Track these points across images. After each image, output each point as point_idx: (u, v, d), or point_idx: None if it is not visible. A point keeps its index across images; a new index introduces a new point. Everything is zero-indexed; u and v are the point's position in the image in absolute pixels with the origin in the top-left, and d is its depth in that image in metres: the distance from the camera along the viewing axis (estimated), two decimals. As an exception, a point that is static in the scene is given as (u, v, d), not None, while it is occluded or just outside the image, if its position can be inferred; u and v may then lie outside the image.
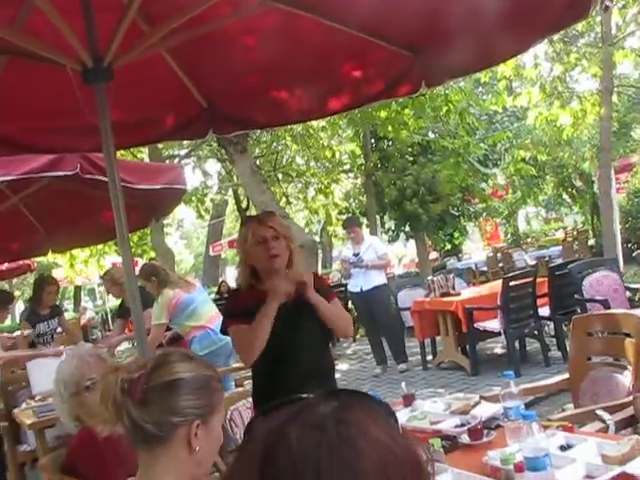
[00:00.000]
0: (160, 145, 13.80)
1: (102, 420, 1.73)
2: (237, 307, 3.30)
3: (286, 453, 0.74)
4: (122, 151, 10.08)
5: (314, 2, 3.56)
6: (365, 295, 8.77)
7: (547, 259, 16.36)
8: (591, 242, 20.00)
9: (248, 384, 5.89)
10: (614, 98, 13.65)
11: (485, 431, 2.74)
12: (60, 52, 3.15)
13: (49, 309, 7.29)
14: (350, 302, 10.39)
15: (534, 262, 15.56)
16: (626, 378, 3.66)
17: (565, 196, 27.03)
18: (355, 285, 8.96)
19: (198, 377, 1.75)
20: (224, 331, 3.37)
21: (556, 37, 13.28)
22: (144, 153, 15.04)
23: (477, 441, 2.69)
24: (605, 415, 3.07)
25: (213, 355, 5.80)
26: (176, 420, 1.68)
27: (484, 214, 23.18)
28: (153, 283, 6.16)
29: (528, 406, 3.06)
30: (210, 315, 6.07)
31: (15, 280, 16.74)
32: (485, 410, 3.00)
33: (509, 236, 28.98)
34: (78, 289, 33.39)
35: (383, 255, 8.97)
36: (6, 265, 10.21)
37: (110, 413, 1.69)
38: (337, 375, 3.63)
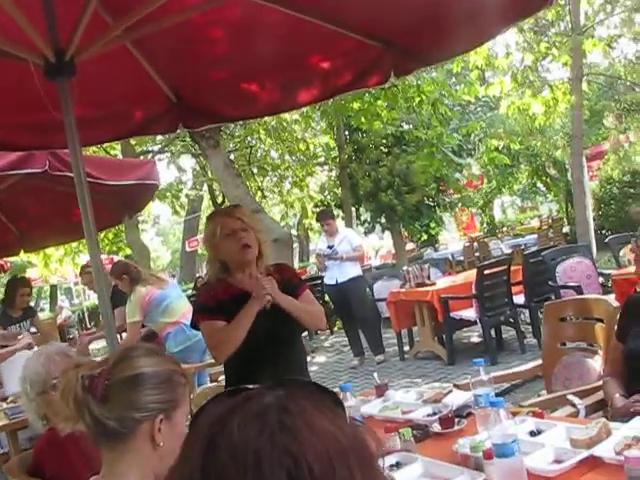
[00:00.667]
0: (133, 141, 13.72)
1: (64, 418, 1.71)
2: (209, 302, 3.24)
3: (227, 442, 0.74)
4: (94, 148, 10.03)
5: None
6: (340, 287, 8.76)
7: (523, 247, 16.43)
8: (566, 229, 20.14)
9: (222, 380, 5.89)
10: (584, 86, 13.77)
11: (456, 419, 2.75)
12: (21, 46, 3.10)
13: (21, 311, 7.20)
14: (327, 295, 10.38)
15: (510, 251, 15.64)
16: (597, 363, 3.69)
17: (540, 184, 27.21)
18: (330, 277, 8.95)
19: (160, 372, 1.73)
20: (194, 325, 3.34)
21: (526, 26, 13.41)
22: (117, 150, 14.93)
23: (448, 429, 2.69)
24: (576, 400, 3.10)
25: (188, 351, 5.77)
26: (138, 415, 1.66)
27: (460, 204, 23.28)
28: (125, 281, 6.14)
29: (504, 394, 3.08)
30: (184, 311, 6.04)
31: (-11, 280, 16.58)
32: (457, 398, 3.01)
33: (485, 225, 29.12)
34: (54, 288, 33.15)
35: (358, 247, 8.96)
36: (-21, 265, 10.12)
37: (71, 410, 1.67)
38: (314, 367, 3.63)
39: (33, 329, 7.27)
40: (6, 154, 4.75)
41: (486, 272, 7.82)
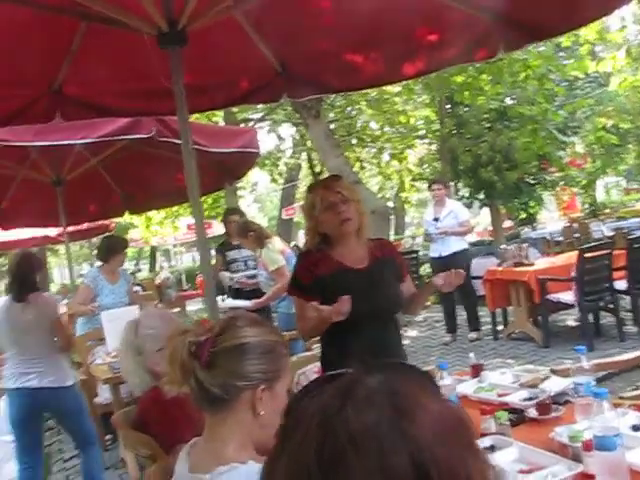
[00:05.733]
0: (235, 109, 13.89)
1: (170, 381, 1.77)
2: (306, 277, 3.23)
3: (345, 429, 0.73)
4: (197, 115, 10.21)
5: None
6: (444, 261, 8.64)
7: (626, 231, 15.86)
8: (674, 214, 19.29)
9: (316, 348, 5.93)
10: None
11: (553, 406, 2.70)
12: (136, 17, 3.18)
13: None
14: (430, 267, 10.29)
15: (612, 234, 15.10)
16: None
17: (648, 166, 26.12)
18: (435, 250, 8.91)
19: (264, 342, 1.76)
20: (290, 292, 3.38)
21: (645, -2, 12.75)
22: (219, 117, 15.17)
23: (545, 416, 2.64)
24: (680, 394, 2.99)
25: None
26: (241, 384, 1.69)
27: (561, 183, 22.60)
28: (251, 238, 6.12)
29: (600, 381, 3.00)
30: None
31: (94, 239, 17.17)
32: (554, 384, 2.95)
33: (586, 206, 28.20)
34: (154, 249, 34.16)
35: (464, 222, 8.86)
36: (86, 225, 10.47)
37: (177, 374, 1.72)
38: (406, 342, 3.61)
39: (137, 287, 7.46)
40: (116, 120, 4.90)
41: (587, 255, 7.60)
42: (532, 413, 2.69)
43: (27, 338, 4.66)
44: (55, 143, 5.10)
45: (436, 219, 8.81)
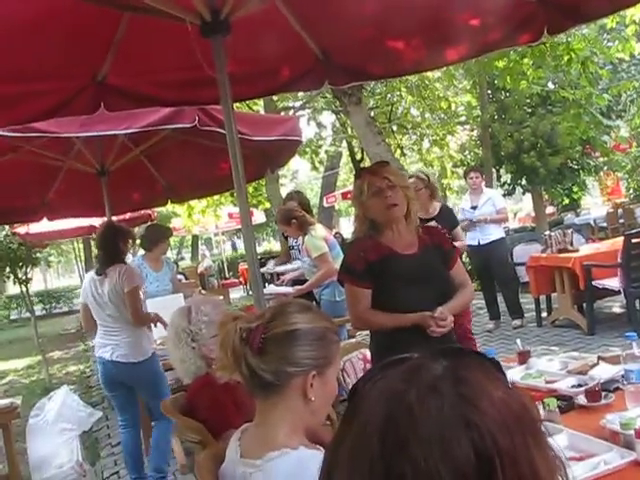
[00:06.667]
0: (275, 97, 13.90)
1: (221, 367, 1.78)
2: (358, 264, 3.23)
3: (407, 417, 0.73)
4: (238, 103, 10.25)
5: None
6: (482, 249, 8.64)
7: (673, 216, 15.57)
8: None
9: (360, 335, 5.93)
10: None
11: (603, 393, 2.66)
12: (179, 7, 3.20)
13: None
14: (468, 256, 10.24)
15: (658, 219, 14.85)
16: None
17: (696, 149, 25.52)
18: (472, 238, 8.81)
19: (315, 329, 1.77)
20: (340, 282, 3.38)
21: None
22: (259, 105, 15.19)
23: (594, 403, 2.61)
24: None
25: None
26: (292, 370, 1.71)
27: (605, 168, 22.23)
28: (294, 226, 6.11)
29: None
30: None
31: (137, 229, 17.38)
32: (604, 371, 2.91)
33: (631, 191, 27.71)
34: (196, 238, 34.40)
35: (501, 209, 8.78)
36: (128, 215, 10.58)
37: (229, 360, 1.74)
38: (449, 329, 3.56)
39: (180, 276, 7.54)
40: (158, 110, 4.93)
41: (634, 241, 7.47)
42: (581, 400, 2.66)
43: (104, 311, 4.90)
44: (100, 133, 5.16)
45: (474, 207, 8.74)
